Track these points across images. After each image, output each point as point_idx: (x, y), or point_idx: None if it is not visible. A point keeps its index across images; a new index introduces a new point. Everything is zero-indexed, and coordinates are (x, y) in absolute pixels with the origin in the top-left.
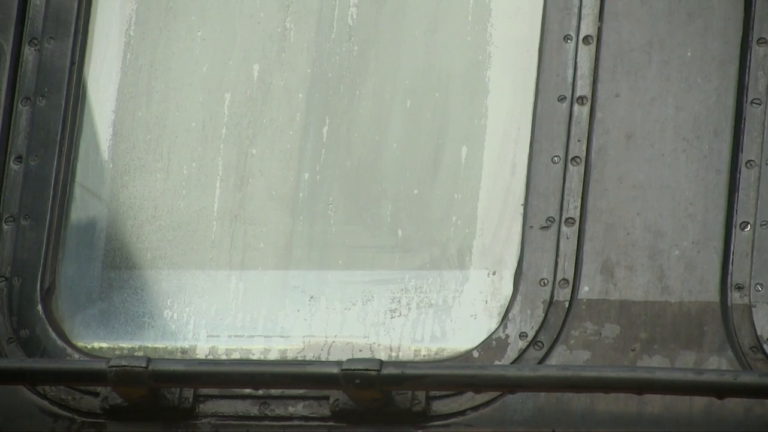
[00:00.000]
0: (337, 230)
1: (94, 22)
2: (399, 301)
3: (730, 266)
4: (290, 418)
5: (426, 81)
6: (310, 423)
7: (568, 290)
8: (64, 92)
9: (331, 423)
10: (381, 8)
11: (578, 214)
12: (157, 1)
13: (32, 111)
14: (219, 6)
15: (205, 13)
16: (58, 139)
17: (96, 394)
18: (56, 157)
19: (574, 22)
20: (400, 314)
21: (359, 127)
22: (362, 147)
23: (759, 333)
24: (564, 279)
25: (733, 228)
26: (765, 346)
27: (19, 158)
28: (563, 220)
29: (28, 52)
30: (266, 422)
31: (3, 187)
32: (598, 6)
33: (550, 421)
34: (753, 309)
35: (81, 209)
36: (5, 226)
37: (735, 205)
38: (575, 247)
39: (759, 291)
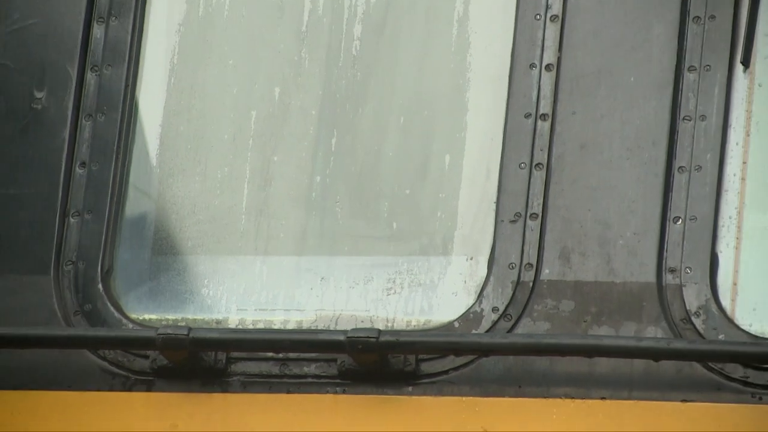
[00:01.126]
0: (343, 223)
1: (144, 52)
2: (394, 282)
3: (665, 253)
4: (305, 376)
5: (416, 101)
6: (321, 381)
7: (532, 273)
8: (120, 110)
9: (338, 381)
10: (379, 41)
11: (541, 210)
12: (196, 35)
13: (93, 125)
14: (246, 39)
15: (235, 44)
16: (115, 148)
17: (146, 357)
18: (113, 163)
19: (538, 53)
20: (395, 292)
21: (362, 138)
22: (364, 154)
23: (688, 307)
24: (529, 263)
25: (668, 222)
26: (693, 318)
27: (83, 164)
28: (528, 215)
29: (90, 77)
30: (285, 380)
31: (70, 188)
32: (558, 39)
33: (517, 379)
34: (683, 288)
35: (133, 205)
36: (72, 220)
37: (669, 203)
38: (538, 237)
39: (688, 273)
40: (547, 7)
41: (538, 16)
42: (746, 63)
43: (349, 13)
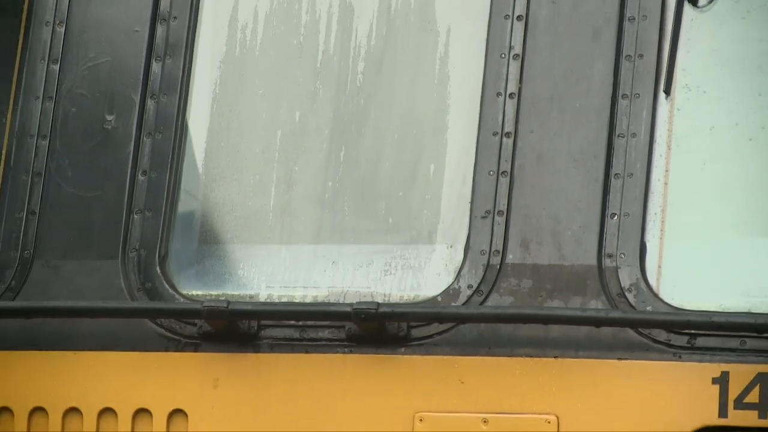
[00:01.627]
0: (350, 219)
1: (193, 84)
2: (390, 265)
3: (604, 242)
4: (320, 339)
5: (407, 122)
6: (333, 343)
7: (499, 258)
8: (173, 129)
9: (345, 343)
10: (378, 75)
11: (506, 208)
12: (233, 70)
13: (152, 142)
14: (273, 73)
15: (264, 78)
16: (169, 160)
17: (194, 324)
18: (168, 172)
19: (503, 84)
20: (391, 273)
21: (364, 151)
22: (366, 165)
23: (622, 285)
24: (496, 250)
25: (606, 217)
26: (626, 294)
27: (144, 172)
28: (496, 212)
29: (150, 103)
30: (304, 342)
31: (134, 191)
32: (519, 73)
33: (487, 342)
34: (618, 270)
35: (184, 205)
36: (135, 216)
37: (607, 203)
38: (504, 230)
39: (622, 258)
40: (510, 47)
41: (503, 55)
42: (667, 92)
43: (354, 53)
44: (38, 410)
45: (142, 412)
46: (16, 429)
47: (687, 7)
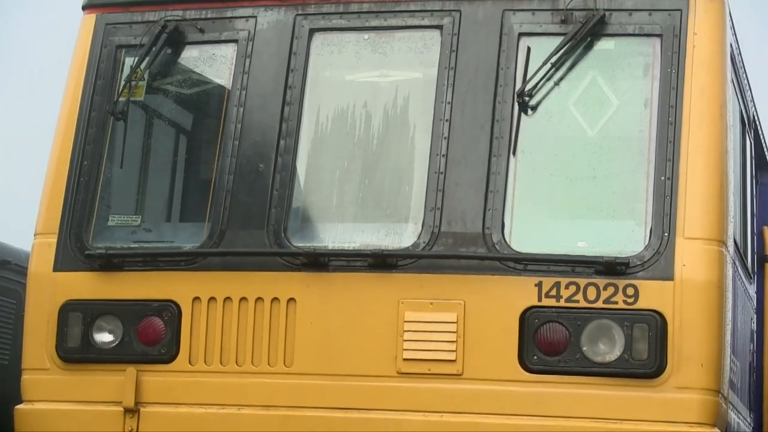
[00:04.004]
0: (370, 211)
1: (298, 150)
2: (388, 232)
3: (485, 221)
4: (356, 266)
5: (397, 167)
6: (362, 268)
7: (438, 229)
8: (289, 171)
9: (368, 268)
10: (383, 145)
11: (441, 206)
12: (315, 144)
13: (280, 176)
14: (334, 145)
15: (330, 147)
16: (288, 183)
17: (299, 259)
18: (287, 190)
19: (440, 149)
20: (389, 236)
21: (377, 180)
22: (378, 186)
23: (494, 241)
24: (436, 225)
25: (486, 210)
26: (496, 245)
27: (276, 190)
28: (436, 208)
29: (279, 159)
30: (349, 267)
31: (271, 198)
32: (447, 145)
33: (432, 267)
34: (492, 234)
35: (294, 204)
36: (272, 210)
37: (487, 204)
38: (440, 216)
39: (494, 229)
40: (443, 133)
41: (439, 137)
42: (514, 153)
43: (371, 134)
44: (228, 299)
45: (275, 300)
46: (218, 310)
47: (522, 115)
